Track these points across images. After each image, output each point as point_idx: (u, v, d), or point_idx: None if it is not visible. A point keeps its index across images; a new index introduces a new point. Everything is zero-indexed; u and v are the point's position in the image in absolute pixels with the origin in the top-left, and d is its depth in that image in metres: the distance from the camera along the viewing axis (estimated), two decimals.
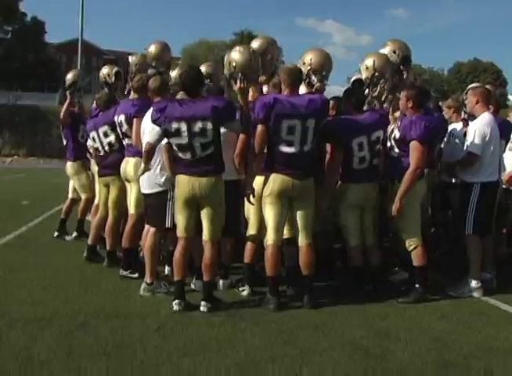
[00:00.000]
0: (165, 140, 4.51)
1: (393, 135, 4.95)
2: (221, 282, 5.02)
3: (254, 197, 4.65)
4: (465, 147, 5.14)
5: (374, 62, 5.29)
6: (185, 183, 4.36)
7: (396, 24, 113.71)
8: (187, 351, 3.52)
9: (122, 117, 5.43)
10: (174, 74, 6.59)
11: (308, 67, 5.06)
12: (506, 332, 4.06)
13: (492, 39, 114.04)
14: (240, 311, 4.36)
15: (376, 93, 5.28)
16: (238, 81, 4.69)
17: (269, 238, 4.52)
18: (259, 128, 4.49)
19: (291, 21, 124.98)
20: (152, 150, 4.53)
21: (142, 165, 4.59)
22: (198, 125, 4.28)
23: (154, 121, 4.42)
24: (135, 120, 5.17)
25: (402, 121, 4.90)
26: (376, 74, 5.26)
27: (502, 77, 55.15)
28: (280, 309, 4.41)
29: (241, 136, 4.71)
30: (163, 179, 4.81)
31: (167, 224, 4.87)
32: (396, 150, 4.91)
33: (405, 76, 5.64)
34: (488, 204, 5.12)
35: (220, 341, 3.72)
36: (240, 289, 4.91)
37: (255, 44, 5.57)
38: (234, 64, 4.79)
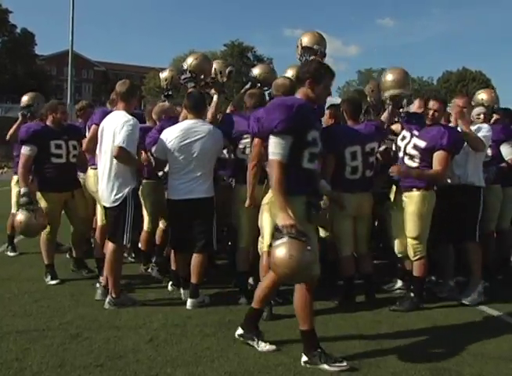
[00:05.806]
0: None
1: (411, 145, 4.79)
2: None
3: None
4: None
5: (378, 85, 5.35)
6: None
7: (384, 34, 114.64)
8: (180, 362, 3.52)
9: None
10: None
11: (300, 47, 5.09)
12: (497, 339, 4.08)
13: (481, 48, 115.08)
14: (233, 321, 4.35)
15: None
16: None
17: (266, 245, 4.48)
18: (255, 141, 4.50)
19: (279, 32, 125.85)
20: None
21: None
22: None
23: None
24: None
25: (426, 131, 4.74)
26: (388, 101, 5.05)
27: (490, 86, 55.50)
28: (273, 318, 4.40)
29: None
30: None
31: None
32: (417, 159, 4.74)
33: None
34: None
35: (213, 351, 3.71)
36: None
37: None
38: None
